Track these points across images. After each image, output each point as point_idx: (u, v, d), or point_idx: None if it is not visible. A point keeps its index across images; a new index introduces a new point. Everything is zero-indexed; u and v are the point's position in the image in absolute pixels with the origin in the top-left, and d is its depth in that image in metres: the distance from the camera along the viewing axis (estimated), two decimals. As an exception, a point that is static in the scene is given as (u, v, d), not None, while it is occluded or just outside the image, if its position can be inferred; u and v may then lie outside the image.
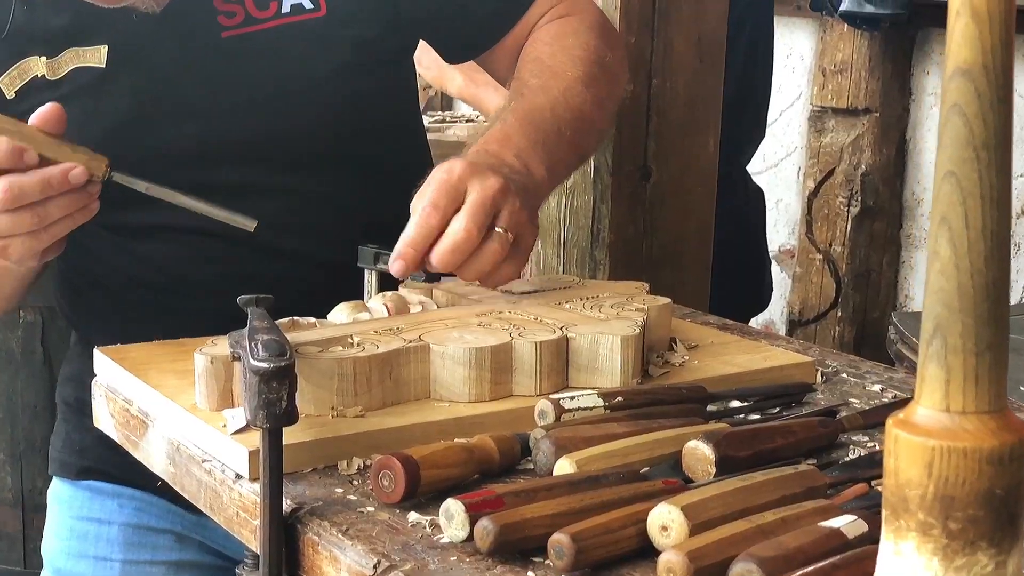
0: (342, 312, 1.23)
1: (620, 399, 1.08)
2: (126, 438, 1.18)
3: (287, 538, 0.94)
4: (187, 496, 1.08)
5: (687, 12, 1.93)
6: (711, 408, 1.13)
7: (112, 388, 1.20)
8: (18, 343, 2.86)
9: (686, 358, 1.26)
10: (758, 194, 2.66)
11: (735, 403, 1.15)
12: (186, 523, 1.51)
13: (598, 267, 1.92)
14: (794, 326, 3.92)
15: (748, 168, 2.64)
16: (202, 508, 1.06)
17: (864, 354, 1.69)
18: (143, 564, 1.52)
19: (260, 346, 0.94)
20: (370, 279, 1.32)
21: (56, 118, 1.21)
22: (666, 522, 0.84)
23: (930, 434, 0.61)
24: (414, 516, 0.92)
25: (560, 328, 1.16)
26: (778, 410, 1.17)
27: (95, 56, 1.37)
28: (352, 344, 1.11)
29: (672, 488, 0.91)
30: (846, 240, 3.81)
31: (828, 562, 0.79)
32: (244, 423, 1.00)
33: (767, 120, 2.70)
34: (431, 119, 3.16)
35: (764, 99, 2.62)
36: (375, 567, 0.86)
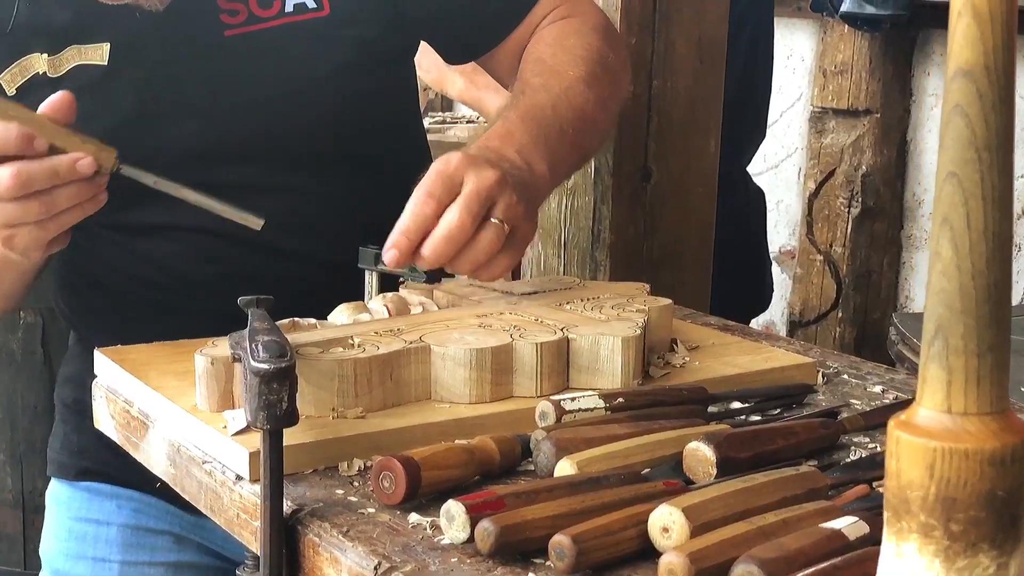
0: (343, 313, 1.23)
1: (621, 400, 1.08)
2: (126, 439, 1.18)
3: (288, 539, 0.94)
4: (187, 497, 1.08)
5: (688, 13, 1.93)
6: (712, 409, 1.13)
7: (112, 389, 1.20)
8: (18, 344, 2.86)
9: (687, 359, 1.26)
10: (759, 195, 2.65)
11: (736, 404, 1.15)
12: (185, 524, 1.51)
13: (599, 268, 1.92)
14: (795, 327, 3.92)
15: (748, 169, 2.63)
16: (202, 509, 1.06)
17: (865, 355, 1.69)
18: (142, 565, 1.52)
19: (261, 347, 0.94)
20: (371, 280, 1.32)
21: (66, 107, 1.20)
22: (667, 523, 0.84)
23: (932, 435, 0.61)
24: (415, 517, 0.92)
25: (561, 329, 1.16)
26: (779, 411, 1.17)
27: (97, 54, 1.37)
28: (353, 345, 1.11)
29: (673, 489, 0.91)
30: (847, 241, 3.81)
31: (829, 563, 0.79)
32: (245, 424, 1.00)
33: (767, 120, 2.70)
34: (432, 120, 3.17)
35: (764, 99, 2.61)
36: (376, 568, 0.86)
